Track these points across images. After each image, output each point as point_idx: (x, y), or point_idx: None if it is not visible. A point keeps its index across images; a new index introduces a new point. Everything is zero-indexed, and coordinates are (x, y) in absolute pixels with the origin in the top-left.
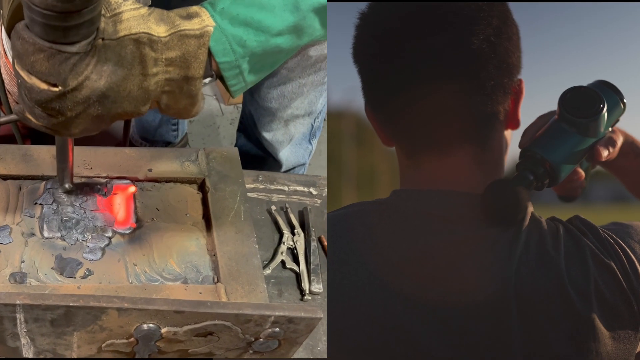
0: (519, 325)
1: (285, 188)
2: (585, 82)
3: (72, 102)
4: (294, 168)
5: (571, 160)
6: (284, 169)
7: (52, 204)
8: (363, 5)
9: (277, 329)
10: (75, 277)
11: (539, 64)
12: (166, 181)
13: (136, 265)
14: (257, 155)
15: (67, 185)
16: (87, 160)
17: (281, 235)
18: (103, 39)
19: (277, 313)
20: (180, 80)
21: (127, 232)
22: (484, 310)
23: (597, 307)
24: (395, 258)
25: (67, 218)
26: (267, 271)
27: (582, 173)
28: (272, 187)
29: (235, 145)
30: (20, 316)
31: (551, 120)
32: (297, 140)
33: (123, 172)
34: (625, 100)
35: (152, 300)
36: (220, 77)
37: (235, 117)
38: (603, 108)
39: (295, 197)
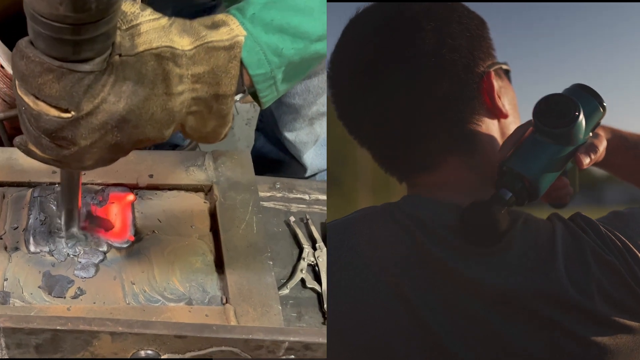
0: (522, 327)
1: (306, 197)
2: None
3: (86, 130)
4: (319, 172)
5: (550, 172)
6: (308, 173)
7: (39, 214)
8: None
9: (292, 356)
10: (65, 297)
11: (544, 67)
12: (169, 189)
13: (134, 284)
14: (279, 159)
15: (74, 230)
16: None
17: (301, 250)
18: (120, 55)
19: (291, 338)
20: (210, 99)
21: (124, 246)
22: (485, 314)
23: (602, 304)
24: (397, 261)
25: (57, 230)
26: (285, 291)
27: (566, 181)
28: (291, 195)
29: (254, 147)
30: (1, 341)
31: (528, 132)
32: (323, 141)
33: (120, 178)
34: (605, 104)
35: (151, 323)
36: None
37: (252, 117)
38: (579, 115)
39: (317, 206)
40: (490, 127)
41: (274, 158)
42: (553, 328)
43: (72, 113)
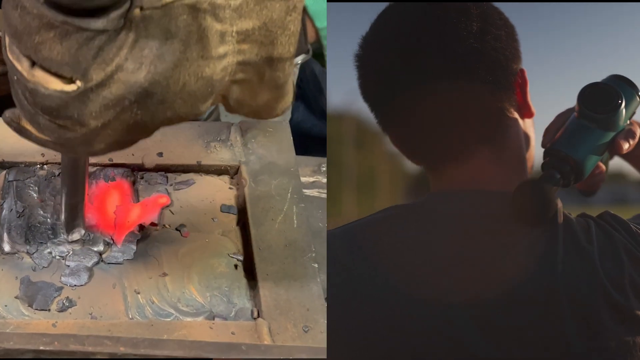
0: (560, 323)
1: None
2: (599, 78)
3: (97, 106)
4: None
5: (594, 154)
6: None
7: (16, 204)
8: (363, 5)
9: None
10: (49, 310)
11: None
12: (184, 171)
13: (139, 293)
14: (323, 135)
15: (76, 234)
16: None
17: None
18: (142, 7)
19: None
20: (261, 64)
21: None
22: (524, 309)
23: (635, 301)
24: (429, 260)
25: (38, 224)
26: None
27: (604, 167)
28: None
29: (291, 120)
30: None
31: (571, 118)
32: None
33: (120, 156)
34: None
35: (162, 342)
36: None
37: None
38: (621, 103)
39: None
40: (519, 123)
41: (318, 134)
42: (589, 325)
43: (79, 83)
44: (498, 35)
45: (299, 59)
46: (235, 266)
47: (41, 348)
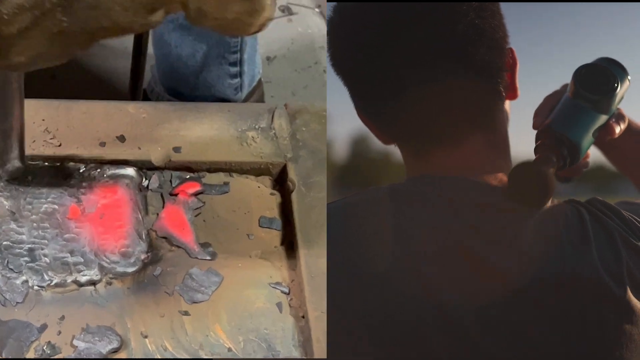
0: (553, 314)
1: None
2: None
3: (10, 7)
4: None
5: (589, 136)
6: None
7: None
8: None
9: None
10: (24, 358)
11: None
12: (209, 170)
13: (147, 337)
14: None
15: (13, 164)
16: (51, 127)
17: None
18: None
19: None
20: None
21: (130, 270)
22: (515, 300)
23: (632, 290)
24: (423, 248)
25: (11, 242)
26: None
27: (589, 152)
28: None
29: None
30: None
31: (564, 98)
32: None
33: (121, 151)
34: (629, 78)
35: None
36: None
37: None
38: (617, 86)
39: None
40: (506, 105)
41: None
42: (584, 315)
43: None
44: (493, 11)
45: None
46: (279, 301)
47: None
